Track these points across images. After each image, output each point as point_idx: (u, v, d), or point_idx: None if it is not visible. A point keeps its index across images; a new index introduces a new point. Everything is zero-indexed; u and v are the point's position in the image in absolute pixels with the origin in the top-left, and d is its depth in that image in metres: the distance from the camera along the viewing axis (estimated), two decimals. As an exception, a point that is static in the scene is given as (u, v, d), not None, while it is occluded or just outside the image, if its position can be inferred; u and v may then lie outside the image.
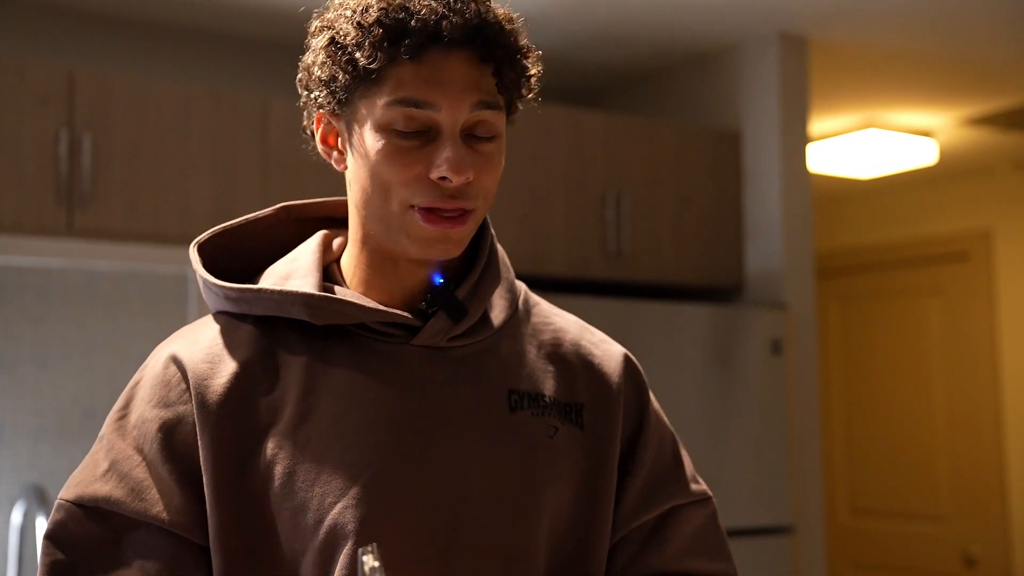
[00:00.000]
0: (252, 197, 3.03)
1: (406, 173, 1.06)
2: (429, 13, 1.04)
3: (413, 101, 1.05)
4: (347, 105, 1.09)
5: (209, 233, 1.19)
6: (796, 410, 3.59)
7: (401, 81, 1.05)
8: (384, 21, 1.04)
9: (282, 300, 1.10)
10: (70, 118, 2.86)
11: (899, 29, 3.59)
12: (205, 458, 1.07)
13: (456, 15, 1.04)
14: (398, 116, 1.05)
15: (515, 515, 1.10)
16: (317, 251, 1.16)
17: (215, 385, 1.08)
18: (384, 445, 1.07)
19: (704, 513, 1.23)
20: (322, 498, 1.06)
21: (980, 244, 5.30)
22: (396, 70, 1.05)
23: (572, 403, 1.18)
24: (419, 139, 1.06)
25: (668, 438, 1.25)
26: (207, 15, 3.46)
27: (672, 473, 1.23)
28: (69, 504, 1.08)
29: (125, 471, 1.08)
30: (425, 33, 1.04)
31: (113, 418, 1.13)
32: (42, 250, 2.84)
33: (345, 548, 1.05)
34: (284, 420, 1.08)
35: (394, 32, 1.04)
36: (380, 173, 1.07)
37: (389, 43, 1.04)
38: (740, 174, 3.76)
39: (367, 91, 1.07)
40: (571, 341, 1.22)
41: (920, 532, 5.37)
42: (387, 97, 1.05)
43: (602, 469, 1.17)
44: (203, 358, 1.10)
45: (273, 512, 1.06)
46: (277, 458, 1.07)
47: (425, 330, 1.12)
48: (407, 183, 1.06)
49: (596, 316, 3.71)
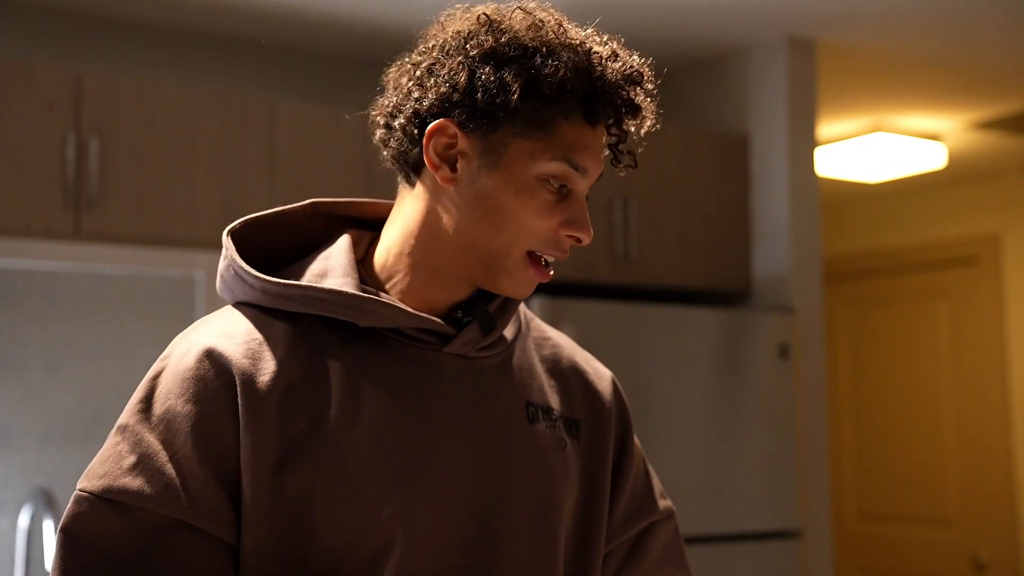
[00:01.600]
0: (259, 200, 3.03)
1: (542, 224, 1.08)
2: (616, 90, 1.08)
3: (575, 164, 1.07)
4: (493, 131, 1.07)
5: (240, 222, 1.17)
6: (804, 414, 3.58)
7: (567, 137, 1.07)
8: (582, 77, 1.06)
9: (326, 299, 1.08)
10: (77, 122, 2.86)
11: (907, 33, 3.59)
12: (246, 457, 1.02)
13: (630, 94, 1.09)
14: (558, 172, 1.07)
15: (545, 523, 1.12)
16: (350, 251, 1.14)
17: (260, 383, 1.04)
18: (424, 453, 1.07)
19: (672, 527, 1.30)
20: (368, 505, 1.04)
21: (989, 248, 5.28)
22: (566, 125, 1.07)
23: (572, 418, 1.20)
24: (561, 192, 1.09)
25: (640, 457, 1.30)
26: (214, 19, 3.46)
27: (647, 491, 1.28)
28: (93, 497, 1.01)
29: (155, 466, 1.02)
30: (608, 107, 1.07)
31: (135, 410, 1.06)
32: (49, 253, 2.85)
33: (392, 557, 1.04)
34: (327, 423, 1.05)
35: (586, 91, 1.07)
36: (516, 214, 1.07)
37: (578, 100, 1.06)
38: (748, 178, 3.76)
39: (526, 131, 1.07)
40: (567, 358, 1.25)
41: (928, 537, 5.36)
42: (554, 151, 1.06)
43: (596, 484, 1.20)
44: (243, 353, 1.06)
45: (314, 516, 1.04)
46: (320, 462, 1.04)
47: (458, 338, 1.12)
48: (540, 234, 1.08)
49: (603, 320, 3.68)
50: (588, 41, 1.10)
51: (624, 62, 1.10)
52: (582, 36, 1.10)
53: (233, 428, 1.03)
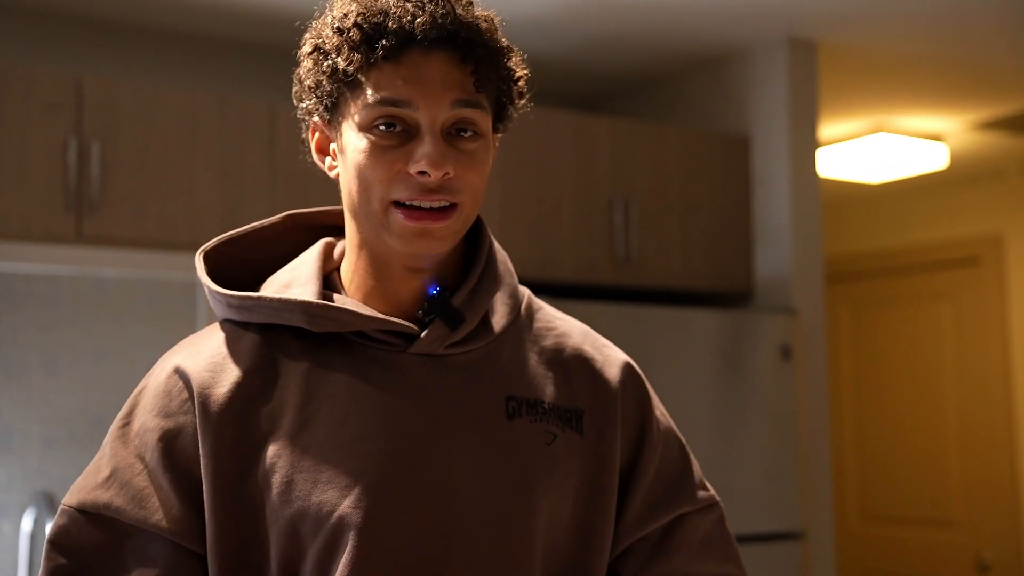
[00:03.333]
0: (260, 204, 3.03)
1: (387, 170, 1.07)
2: (404, 14, 1.06)
3: (392, 100, 1.07)
4: (334, 111, 1.11)
5: (215, 241, 1.20)
6: (806, 416, 3.58)
7: (380, 82, 1.07)
8: (361, 24, 1.07)
9: (281, 308, 1.11)
10: (78, 125, 2.86)
11: (909, 33, 3.58)
12: (205, 466, 1.07)
13: (431, 16, 1.06)
14: (378, 115, 1.07)
15: (510, 523, 1.10)
16: (318, 259, 1.17)
17: (216, 394, 1.09)
18: (381, 453, 1.08)
19: (711, 519, 1.23)
20: (320, 506, 1.06)
21: (991, 248, 5.28)
22: (376, 72, 1.07)
23: (572, 409, 1.17)
24: (399, 138, 1.08)
25: (675, 445, 1.25)
26: (214, 22, 3.46)
27: (679, 481, 1.23)
28: (71, 509, 1.10)
29: (126, 479, 1.10)
30: (401, 34, 1.06)
31: (116, 426, 1.14)
32: (51, 257, 2.85)
33: (343, 556, 1.05)
34: (283, 428, 1.09)
35: (371, 34, 1.06)
36: (363, 172, 1.09)
37: (367, 46, 1.07)
38: (749, 179, 3.76)
39: (351, 95, 1.09)
40: (573, 347, 1.22)
41: (932, 538, 5.35)
42: (368, 98, 1.07)
43: (601, 476, 1.17)
44: (206, 367, 1.12)
45: (271, 520, 1.07)
46: (276, 466, 1.07)
47: (422, 338, 1.12)
48: (387, 180, 1.08)
49: (604, 322, 3.71)
50: None
51: None
52: None
53: (194, 440, 1.09)
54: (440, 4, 1.07)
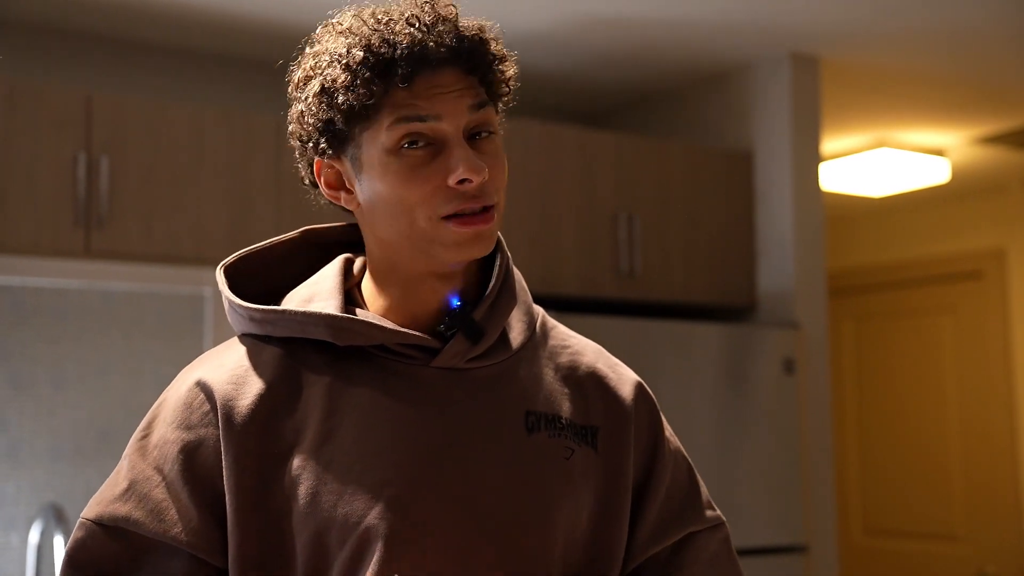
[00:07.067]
0: (266, 218, 3.06)
1: (424, 187, 1.08)
2: (411, 42, 1.07)
3: (414, 116, 1.08)
4: (348, 144, 1.12)
5: (234, 257, 1.22)
6: (809, 429, 3.59)
7: (397, 104, 1.08)
8: (371, 60, 1.07)
9: (305, 321, 1.12)
10: (87, 141, 2.89)
11: (911, 48, 3.61)
12: (228, 478, 1.08)
13: (436, 37, 1.08)
14: (404, 134, 1.08)
15: (530, 535, 1.11)
16: (339, 274, 1.18)
17: (240, 406, 1.10)
18: (405, 465, 1.09)
19: (718, 538, 1.25)
20: (347, 517, 1.07)
21: (993, 263, 5.29)
22: (391, 99, 1.08)
23: (587, 426, 1.19)
24: (427, 152, 1.09)
25: (683, 465, 1.27)
26: (221, 39, 3.49)
27: (688, 500, 1.25)
28: (89, 523, 1.11)
29: (144, 492, 1.10)
30: (412, 60, 1.07)
31: (136, 438, 1.15)
32: (59, 271, 2.87)
33: (369, 568, 1.06)
34: (307, 441, 1.09)
35: (383, 67, 1.07)
36: (400, 195, 1.09)
37: (380, 77, 1.07)
38: (752, 193, 3.77)
39: (367, 125, 1.10)
40: (587, 364, 1.23)
41: (935, 551, 5.35)
42: (389, 122, 1.08)
43: (615, 492, 1.18)
44: (228, 379, 1.12)
45: (296, 532, 1.08)
46: (300, 479, 1.08)
47: (444, 352, 1.13)
48: (428, 196, 1.08)
49: (608, 336, 3.71)
50: (358, 20, 1.11)
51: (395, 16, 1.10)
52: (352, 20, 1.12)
53: (216, 452, 1.09)
54: (442, 21, 1.09)
